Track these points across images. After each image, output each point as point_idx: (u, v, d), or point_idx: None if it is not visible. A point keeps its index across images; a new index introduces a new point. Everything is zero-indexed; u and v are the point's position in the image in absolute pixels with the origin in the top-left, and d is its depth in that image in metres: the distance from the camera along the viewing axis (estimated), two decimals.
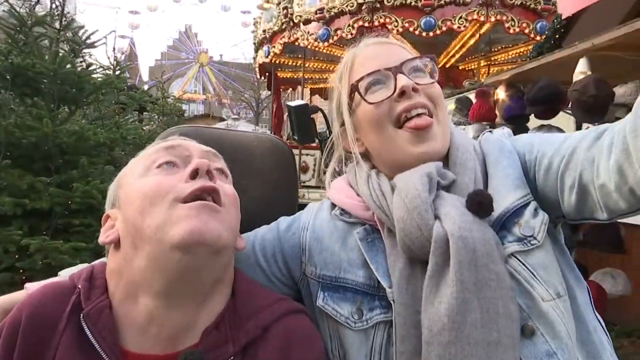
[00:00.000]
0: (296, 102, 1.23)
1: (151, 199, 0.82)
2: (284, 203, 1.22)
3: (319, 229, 1.03)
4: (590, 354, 0.87)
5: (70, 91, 3.71)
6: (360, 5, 8.20)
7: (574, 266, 0.96)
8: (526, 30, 8.17)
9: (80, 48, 4.09)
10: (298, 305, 0.93)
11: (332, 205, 1.06)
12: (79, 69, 3.93)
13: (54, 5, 4.30)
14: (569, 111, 3.31)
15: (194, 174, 0.85)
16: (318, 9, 8.72)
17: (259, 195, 1.18)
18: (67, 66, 3.65)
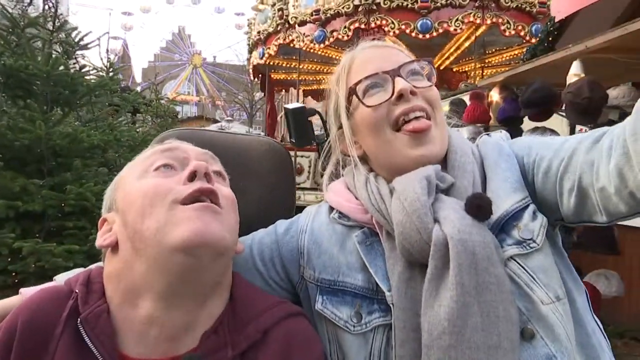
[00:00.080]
0: (293, 105, 1.21)
1: (150, 200, 0.81)
2: (281, 206, 1.21)
3: (318, 232, 1.02)
4: (590, 357, 0.87)
5: (64, 93, 3.68)
6: (356, 7, 8.21)
7: (572, 269, 0.96)
8: (521, 33, 8.22)
9: (73, 50, 4.06)
10: (297, 308, 0.92)
11: (330, 209, 1.05)
12: (72, 70, 3.89)
13: (46, 6, 4.28)
14: (563, 113, 3.34)
15: (192, 177, 0.84)
16: (314, 11, 8.72)
17: (257, 197, 1.17)
18: (60, 68, 3.62)
